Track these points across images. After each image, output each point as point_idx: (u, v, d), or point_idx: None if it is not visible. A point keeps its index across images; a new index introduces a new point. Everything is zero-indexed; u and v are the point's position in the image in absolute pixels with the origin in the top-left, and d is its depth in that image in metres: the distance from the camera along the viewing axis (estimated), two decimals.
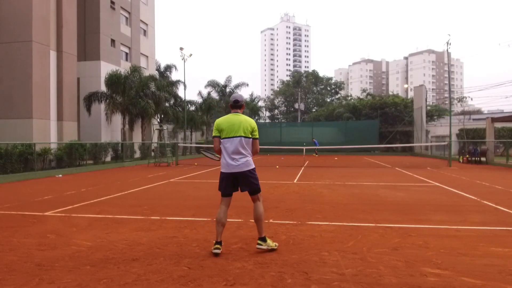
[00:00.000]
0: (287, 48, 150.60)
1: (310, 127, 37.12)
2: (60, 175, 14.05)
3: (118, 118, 25.72)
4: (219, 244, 4.07)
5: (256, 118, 46.42)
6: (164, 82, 29.77)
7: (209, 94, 40.73)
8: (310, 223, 5.67)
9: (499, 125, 26.96)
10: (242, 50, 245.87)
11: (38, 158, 14.54)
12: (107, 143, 19.64)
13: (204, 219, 5.99)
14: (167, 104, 30.12)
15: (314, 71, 65.14)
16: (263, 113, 52.97)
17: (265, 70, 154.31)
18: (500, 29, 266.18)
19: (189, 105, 35.61)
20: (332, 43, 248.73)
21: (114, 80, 23.06)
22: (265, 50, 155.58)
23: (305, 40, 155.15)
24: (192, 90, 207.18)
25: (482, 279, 3.35)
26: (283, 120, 59.68)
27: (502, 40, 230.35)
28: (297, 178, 12.63)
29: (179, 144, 25.02)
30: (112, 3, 26.26)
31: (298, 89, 60.60)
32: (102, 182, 11.63)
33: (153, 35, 33.04)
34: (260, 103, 53.55)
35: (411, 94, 54.95)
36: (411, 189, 9.72)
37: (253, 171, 4.18)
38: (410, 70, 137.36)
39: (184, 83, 26.28)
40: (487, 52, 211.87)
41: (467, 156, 21.15)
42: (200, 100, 38.33)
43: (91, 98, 23.07)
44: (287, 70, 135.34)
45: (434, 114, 39.82)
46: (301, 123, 47.79)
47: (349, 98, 56.51)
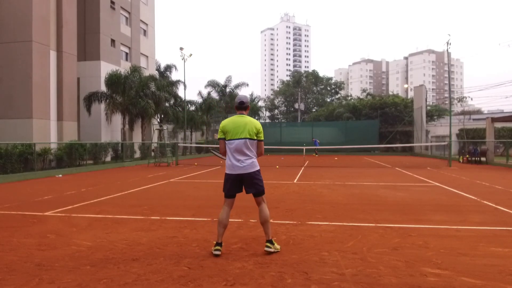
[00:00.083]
0: (287, 48, 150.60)
1: (310, 127, 37.12)
2: (60, 175, 14.06)
3: (118, 118, 25.72)
4: (220, 245, 4.07)
5: (256, 118, 46.39)
6: (164, 82, 29.78)
7: (209, 94, 40.79)
8: (310, 223, 5.67)
9: (499, 125, 26.97)
10: (242, 50, 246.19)
11: (38, 158, 14.53)
12: (107, 143, 19.62)
13: (204, 219, 5.99)
14: (167, 104, 30.14)
15: (314, 71, 65.16)
16: (263, 113, 52.99)
17: (265, 70, 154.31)
18: (500, 29, 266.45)
19: (189, 105, 35.63)
20: (332, 43, 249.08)
21: (114, 80, 23.08)
22: (265, 50, 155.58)
23: (305, 40, 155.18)
24: (192, 90, 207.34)
25: (482, 279, 3.34)
26: (283, 120, 59.68)
27: (502, 40, 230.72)
28: (297, 178, 12.62)
29: (179, 144, 25.01)
30: (112, 3, 26.26)
31: (298, 89, 60.58)
32: (102, 182, 11.63)
33: (153, 35, 33.04)
34: (260, 103, 53.62)
35: (411, 94, 54.96)
36: (411, 189, 9.71)
37: (258, 172, 4.15)
38: (410, 70, 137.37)
39: (184, 83, 26.34)
40: (487, 52, 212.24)
41: (467, 156, 21.14)
42: (200, 100, 38.41)
43: (91, 98, 23.08)
44: (287, 70, 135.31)
45: (434, 114, 39.83)
46: (301, 123, 47.77)
47: (349, 98, 56.52)
